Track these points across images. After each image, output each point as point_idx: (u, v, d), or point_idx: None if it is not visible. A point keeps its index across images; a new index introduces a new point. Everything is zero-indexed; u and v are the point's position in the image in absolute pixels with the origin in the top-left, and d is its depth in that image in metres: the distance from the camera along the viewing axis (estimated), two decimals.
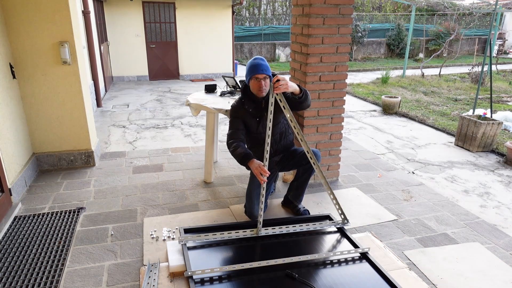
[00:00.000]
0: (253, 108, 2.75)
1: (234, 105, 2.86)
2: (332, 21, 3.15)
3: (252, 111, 2.76)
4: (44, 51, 3.49)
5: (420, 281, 2.24)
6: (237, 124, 2.81)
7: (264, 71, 2.61)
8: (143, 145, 4.97)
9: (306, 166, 2.87)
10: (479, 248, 2.63)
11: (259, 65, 2.61)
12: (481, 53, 17.00)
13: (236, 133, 2.77)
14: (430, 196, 3.40)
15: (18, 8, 3.33)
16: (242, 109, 2.79)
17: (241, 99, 2.81)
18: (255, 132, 2.85)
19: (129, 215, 2.98)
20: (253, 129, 2.83)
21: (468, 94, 8.76)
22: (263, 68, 2.60)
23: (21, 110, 3.56)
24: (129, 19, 9.81)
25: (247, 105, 2.76)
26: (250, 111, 2.76)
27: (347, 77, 3.38)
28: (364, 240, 2.64)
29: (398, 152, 4.96)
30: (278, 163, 2.98)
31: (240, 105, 2.81)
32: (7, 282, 2.21)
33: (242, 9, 17.28)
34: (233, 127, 2.81)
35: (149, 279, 2.17)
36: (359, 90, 9.22)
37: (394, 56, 16.65)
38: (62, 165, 3.87)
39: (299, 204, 3.02)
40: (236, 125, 2.81)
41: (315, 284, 2.15)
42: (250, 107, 2.75)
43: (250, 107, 2.76)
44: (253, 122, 2.79)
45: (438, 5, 12.33)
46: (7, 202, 2.97)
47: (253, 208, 2.84)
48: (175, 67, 10.61)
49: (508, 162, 4.57)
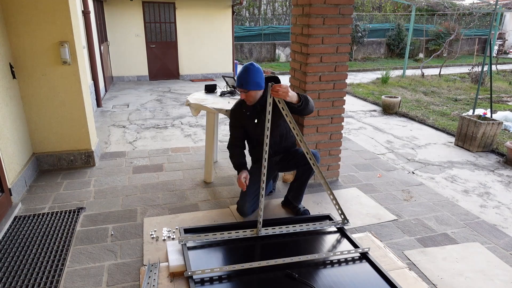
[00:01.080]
0: (251, 111, 2.78)
1: (233, 108, 2.91)
2: (332, 21, 3.14)
3: (250, 114, 2.79)
4: (44, 51, 3.49)
5: (420, 281, 2.24)
6: (235, 130, 2.91)
7: (243, 85, 2.60)
8: (143, 145, 4.97)
9: (305, 167, 2.87)
10: (479, 248, 2.63)
11: (239, 78, 2.61)
12: (481, 53, 17.00)
13: (235, 140, 2.92)
14: (430, 196, 3.40)
15: (18, 8, 3.33)
16: (240, 111, 2.84)
17: (240, 101, 2.85)
18: (253, 133, 2.89)
19: (129, 215, 2.98)
20: (252, 131, 2.88)
21: (468, 94, 8.76)
22: (243, 82, 2.59)
23: (21, 110, 3.56)
24: (129, 19, 9.81)
25: (245, 108, 2.80)
26: (248, 114, 2.80)
27: (347, 77, 3.37)
28: (364, 240, 2.64)
29: (398, 152, 4.96)
30: (278, 163, 2.98)
31: (238, 107, 2.86)
32: (7, 282, 2.21)
33: (242, 9, 17.28)
34: (232, 134, 2.93)
35: (149, 279, 2.17)
36: (359, 90, 9.22)
37: (394, 56, 16.65)
38: (62, 165, 3.87)
39: (298, 204, 3.02)
40: (234, 132, 2.92)
41: (315, 284, 2.15)
42: (248, 110, 2.79)
43: (247, 110, 2.79)
44: (251, 124, 2.82)
45: (438, 5, 12.33)
46: (7, 202, 2.97)
47: (244, 206, 2.87)
48: (175, 67, 10.61)
49: (508, 162, 4.57)
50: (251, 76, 2.58)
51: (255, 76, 2.60)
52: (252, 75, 2.59)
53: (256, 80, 2.60)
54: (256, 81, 2.60)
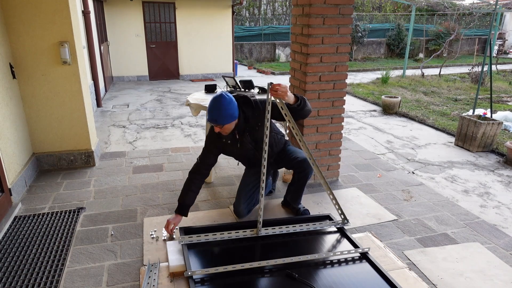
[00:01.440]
0: (230, 138, 2.69)
1: (211, 135, 2.75)
2: (332, 21, 3.14)
3: (231, 142, 2.70)
4: (44, 51, 3.49)
5: (420, 281, 2.24)
6: (209, 154, 2.75)
7: (217, 121, 2.47)
8: (143, 145, 4.97)
9: (301, 174, 2.86)
10: (479, 248, 2.63)
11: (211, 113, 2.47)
12: (481, 53, 17.00)
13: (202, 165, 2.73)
14: (430, 196, 3.40)
15: (18, 8, 3.33)
16: (219, 140, 2.71)
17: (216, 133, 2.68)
18: (240, 156, 2.85)
19: (129, 215, 2.98)
20: (237, 154, 2.82)
21: (468, 94, 8.76)
22: (216, 118, 2.46)
23: (21, 110, 3.56)
24: (129, 19, 9.81)
25: (224, 138, 2.69)
26: (228, 142, 2.71)
27: (347, 77, 3.37)
28: (364, 240, 2.64)
29: (398, 152, 4.96)
30: (273, 164, 2.98)
31: (215, 137, 2.70)
32: (7, 282, 2.21)
33: (242, 9, 17.28)
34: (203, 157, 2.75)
35: (149, 279, 2.17)
36: (359, 90, 9.23)
37: (394, 56, 16.65)
38: (62, 165, 3.87)
39: (298, 205, 3.02)
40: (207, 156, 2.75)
41: (315, 284, 2.15)
42: (228, 139, 2.69)
43: (227, 139, 2.69)
44: (235, 150, 2.76)
45: (438, 5, 12.33)
46: (7, 202, 2.97)
47: (239, 207, 2.85)
48: (175, 67, 10.61)
49: (508, 162, 4.57)
50: (223, 110, 2.45)
51: (228, 109, 2.46)
52: (224, 109, 2.46)
53: (229, 112, 2.47)
54: (230, 113, 2.48)
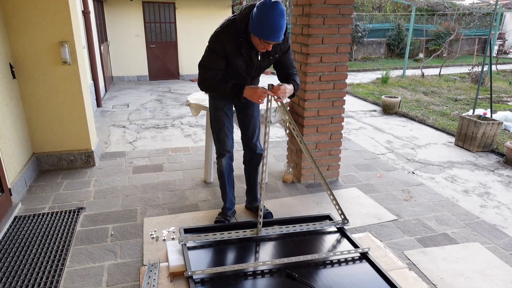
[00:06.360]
0: (246, 47, 2.27)
1: (221, 31, 2.26)
2: (332, 21, 3.15)
3: (245, 50, 2.29)
4: (44, 51, 3.49)
5: (420, 281, 2.24)
6: (216, 60, 2.31)
7: (279, 37, 2.10)
8: (143, 145, 4.97)
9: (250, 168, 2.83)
10: (479, 248, 2.63)
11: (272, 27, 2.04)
12: (481, 53, 17.00)
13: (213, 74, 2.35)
14: (430, 196, 3.40)
15: (18, 8, 3.33)
16: (232, 39, 2.24)
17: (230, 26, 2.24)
18: (236, 69, 2.39)
19: (129, 215, 2.98)
20: (237, 65, 2.36)
21: (468, 94, 8.76)
22: (279, 34, 2.08)
23: (21, 110, 3.56)
24: (129, 19, 9.81)
25: (243, 46, 2.27)
26: (242, 51, 2.28)
27: (347, 77, 3.38)
28: (364, 240, 2.64)
29: (398, 152, 4.96)
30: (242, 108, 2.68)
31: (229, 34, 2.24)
32: (7, 282, 2.21)
33: None
34: (209, 66, 2.32)
35: (149, 279, 2.17)
36: (359, 90, 9.23)
37: (394, 56, 16.64)
38: (62, 165, 3.87)
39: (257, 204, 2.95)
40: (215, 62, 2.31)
41: (315, 284, 2.15)
42: (244, 48, 2.27)
43: (243, 48, 2.27)
44: (238, 60, 2.32)
45: (438, 5, 12.33)
46: (7, 202, 2.97)
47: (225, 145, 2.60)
48: (175, 67, 10.61)
49: (508, 162, 4.57)
50: (284, 25, 2.08)
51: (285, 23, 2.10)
52: (285, 23, 2.08)
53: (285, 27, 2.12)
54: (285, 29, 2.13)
